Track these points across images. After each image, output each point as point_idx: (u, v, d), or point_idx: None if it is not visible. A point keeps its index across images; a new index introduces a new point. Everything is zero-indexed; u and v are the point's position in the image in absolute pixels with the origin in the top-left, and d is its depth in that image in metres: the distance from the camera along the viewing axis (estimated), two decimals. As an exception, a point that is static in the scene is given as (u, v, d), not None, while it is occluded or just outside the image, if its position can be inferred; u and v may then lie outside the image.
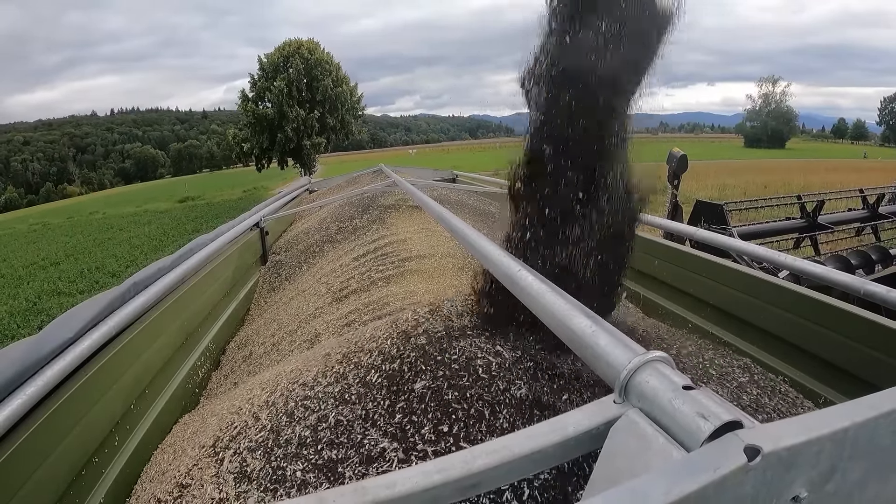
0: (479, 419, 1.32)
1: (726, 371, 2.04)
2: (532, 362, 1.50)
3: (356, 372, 1.59)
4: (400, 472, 0.68)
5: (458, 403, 1.37)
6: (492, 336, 1.61)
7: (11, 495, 1.38)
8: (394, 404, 1.41)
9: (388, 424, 1.36)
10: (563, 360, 1.53)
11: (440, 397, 1.39)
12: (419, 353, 1.56)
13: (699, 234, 3.14)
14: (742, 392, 1.90)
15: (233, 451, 1.49)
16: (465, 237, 1.84)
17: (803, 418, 0.62)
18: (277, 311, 3.59)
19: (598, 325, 0.92)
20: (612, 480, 0.65)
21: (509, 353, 1.53)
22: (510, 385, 1.41)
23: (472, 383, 1.42)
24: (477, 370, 1.46)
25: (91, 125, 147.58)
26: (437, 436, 1.30)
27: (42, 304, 13.35)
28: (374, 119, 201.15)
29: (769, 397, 1.92)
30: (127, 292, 2.32)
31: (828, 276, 2.11)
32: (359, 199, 5.74)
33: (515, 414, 1.34)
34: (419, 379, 1.47)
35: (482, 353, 1.52)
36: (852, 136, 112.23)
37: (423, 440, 1.30)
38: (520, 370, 1.46)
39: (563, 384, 1.45)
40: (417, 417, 1.36)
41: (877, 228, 8.19)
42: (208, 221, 24.46)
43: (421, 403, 1.39)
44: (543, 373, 1.48)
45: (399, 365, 1.54)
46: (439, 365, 1.50)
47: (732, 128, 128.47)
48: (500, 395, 1.38)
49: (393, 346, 1.63)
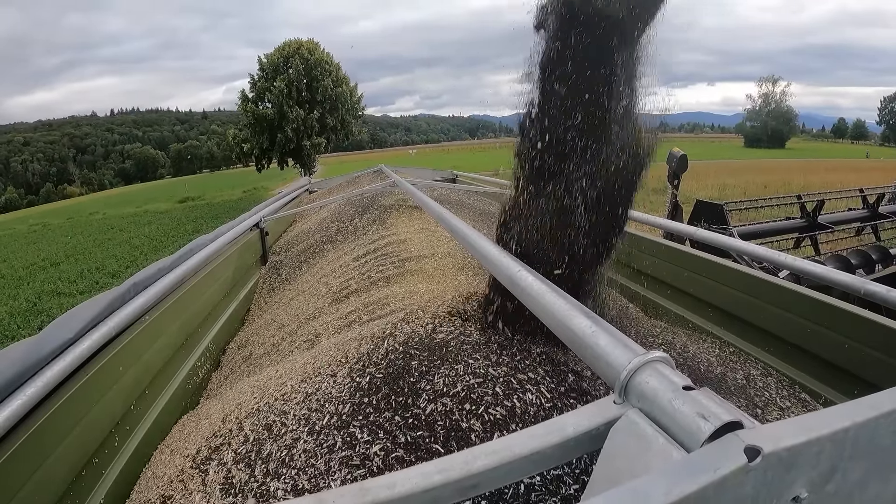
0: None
1: (726, 371, 2.04)
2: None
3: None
4: (400, 473, 0.68)
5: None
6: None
7: (11, 496, 1.38)
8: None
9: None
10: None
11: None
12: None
13: (699, 233, 3.14)
14: (742, 392, 1.90)
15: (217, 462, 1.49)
16: (466, 237, 1.84)
17: (803, 418, 0.62)
18: (277, 312, 3.59)
19: (597, 326, 0.92)
20: (613, 481, 0.65)
21: (494, 369, 1.50)
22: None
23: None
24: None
25: (91, 126, 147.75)
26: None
27: (42, 305, 13.35)
28: (374, 119, 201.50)
29: (770, 397, 1.92)
30: (127, 293, 2.32)
31: (828, 275, 2.11)
32: (359, 199, 5.73)
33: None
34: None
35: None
36: (852, 135, 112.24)
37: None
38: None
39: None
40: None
41: (877, 228, 8.18)
42: (208, 222, 24.45)
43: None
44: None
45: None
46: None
47: (732, 128, 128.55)
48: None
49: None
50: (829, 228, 7.48)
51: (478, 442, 1.27)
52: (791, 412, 1.90)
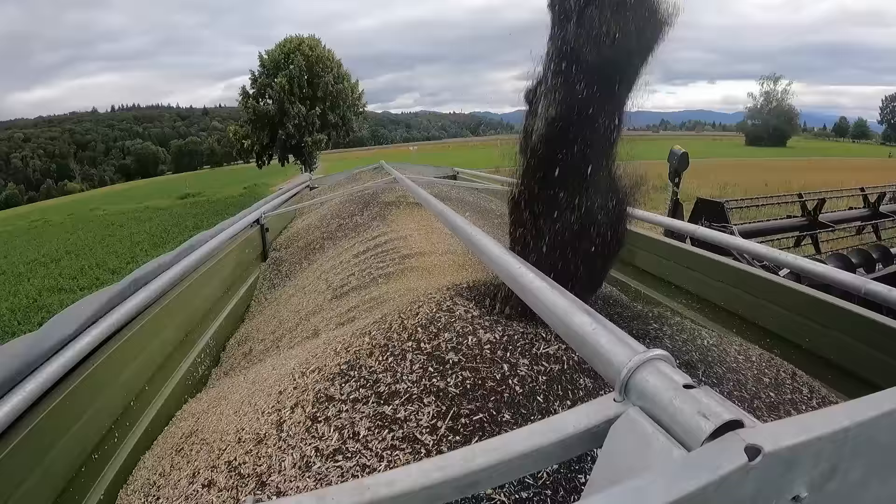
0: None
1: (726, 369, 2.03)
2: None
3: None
4: (399, 471, 0.68)
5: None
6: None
7: (14, 490, 1.39)
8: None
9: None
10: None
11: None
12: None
13: (700, 231, 3.14)
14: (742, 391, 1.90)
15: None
16: (466, 234, 1.84)
17: (804, 418, 0.62)
18: (278, 308, 3.59)
19: (598, 323, 0.92)
20: (612, 479, 0.65)
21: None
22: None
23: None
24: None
25: (92, 122, 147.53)
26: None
27: (43, 301, 13.38)
28: (374, 116, 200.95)
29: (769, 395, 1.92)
30: (127, 289, 2.32)
31: (829, 274, 2.11)
32: (359, 195, 5.73)
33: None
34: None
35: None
36: (854, 134, 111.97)
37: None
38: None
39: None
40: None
41: (878, 227, 8.17)
42: (209, 218, 24.42)
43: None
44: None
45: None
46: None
47: (734, 126, 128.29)
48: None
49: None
50: (830, 227, 7.47)
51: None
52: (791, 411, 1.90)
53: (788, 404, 1.76)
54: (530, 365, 1.48)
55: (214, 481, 1.41)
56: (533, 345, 1.56)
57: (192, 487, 1.45)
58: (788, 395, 1.95)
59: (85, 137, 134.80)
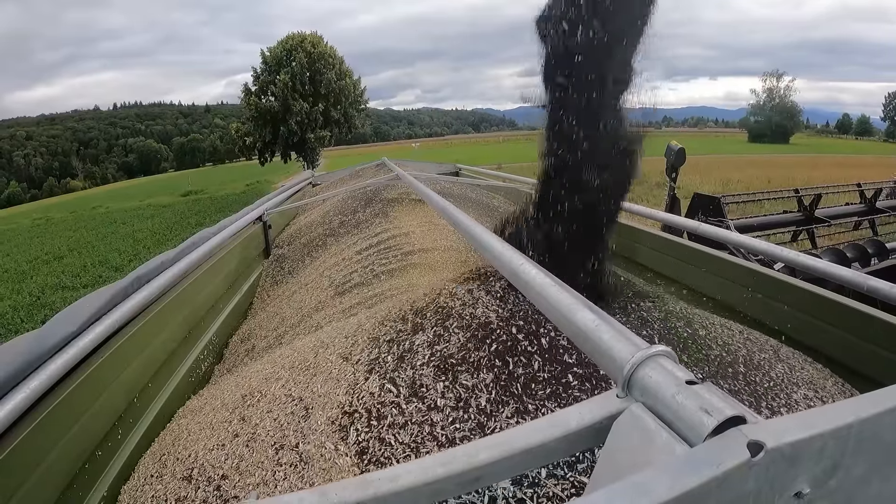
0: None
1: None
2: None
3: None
4: (402, 466, 0.68)
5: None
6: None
7: (16, 488, 1.39)
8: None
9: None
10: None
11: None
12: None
13: (697, 226, 3.14)
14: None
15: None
16: (469, 231, 1.83)
17: (806, 414, 0.62)
18: (280, 305, 3.59)
19: (601, 320, 0.91)
20: (615, 475, 0.65)
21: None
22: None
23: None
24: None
25: (94, 120, 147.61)
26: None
27: (45, 299, 13.41)
28: (376, 112, 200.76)
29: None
30: (130, 286, 2.32)
31: (827, 270, 2.11)
32: (362, 192, 5.72)
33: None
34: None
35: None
36: (857, 131, 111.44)
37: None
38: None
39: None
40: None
41: (874, 223, 8.14)
42: (211, 215, 24.44)
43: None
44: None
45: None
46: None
47: (736, 122, 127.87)
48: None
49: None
50: (827, 222, 7.44)
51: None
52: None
53: (792, 403, 1.76)
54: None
55: (217, 478, 1.42)
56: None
57: (195, 484, 1.46)
58: (788, 394, 1.95)
59: (87, 135, 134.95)
